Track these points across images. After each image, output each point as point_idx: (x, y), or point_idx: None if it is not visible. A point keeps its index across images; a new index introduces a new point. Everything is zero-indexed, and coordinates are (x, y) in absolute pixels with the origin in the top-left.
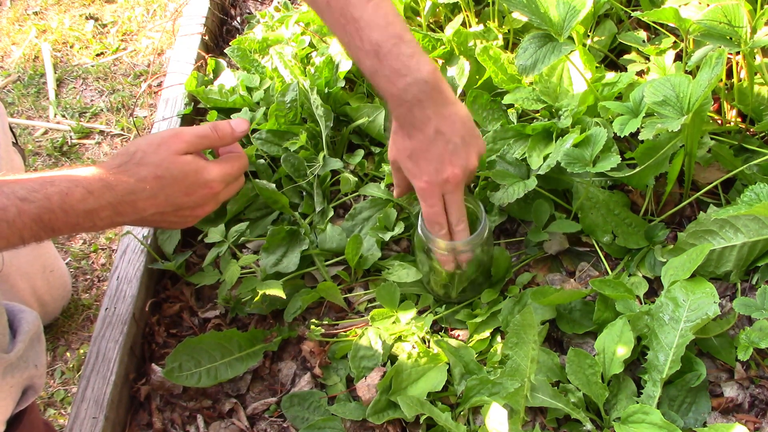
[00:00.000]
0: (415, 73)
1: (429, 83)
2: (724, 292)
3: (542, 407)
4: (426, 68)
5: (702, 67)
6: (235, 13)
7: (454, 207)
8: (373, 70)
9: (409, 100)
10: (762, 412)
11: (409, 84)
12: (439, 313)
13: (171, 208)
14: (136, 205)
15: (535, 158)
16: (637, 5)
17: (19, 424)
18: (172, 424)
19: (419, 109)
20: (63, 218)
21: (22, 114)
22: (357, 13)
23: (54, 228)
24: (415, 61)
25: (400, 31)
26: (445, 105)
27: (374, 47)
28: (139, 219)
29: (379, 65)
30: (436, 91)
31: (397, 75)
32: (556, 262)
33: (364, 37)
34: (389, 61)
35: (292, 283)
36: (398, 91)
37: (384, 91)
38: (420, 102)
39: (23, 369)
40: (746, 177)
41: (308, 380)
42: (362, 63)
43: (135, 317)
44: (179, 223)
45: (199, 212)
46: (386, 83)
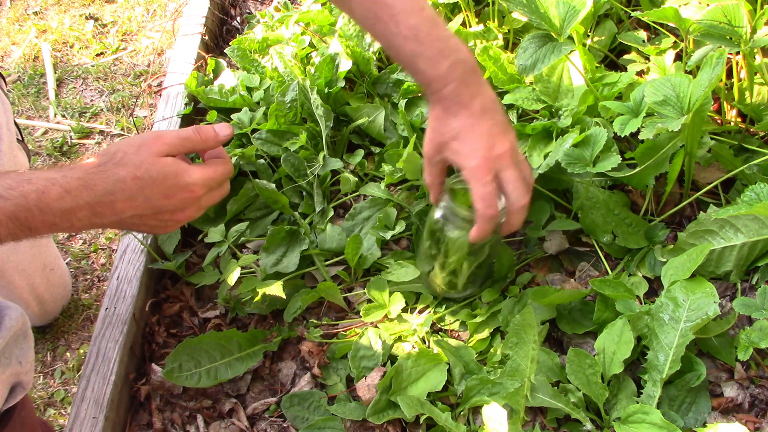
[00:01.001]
0: (458, 53)
1: (469, 62)
2: (724, 292)
3: (542, 407)
4: (464, 48)
5: (702, 67)
6: (235, 13)
7: (512, 184)
8: (414, 53)
9: (456, 79)
10: (762, 412)
11: (453, 63)
12: (439, 313)
13: (150, 211)
14: (114, 206)
15: (535, 158)
16: (637, 5)
17: (9, 421)
18: (172, 424)
19: (464, 87)
20: (39, 217)
21: (22, 114)
22: (389, 0)
23: (31, 227)
24: (454, 41)
25: (433, 15)
26: (485, 84)
27: (413, 31)
28: (118, 221)
29: (421, 48)
30: (475, 70)
31: (441, 56)
32: (556, 262)
33: (400, 22)
34: (431, 43)
35: (292, 283)
36: (444, 72)
37: (426, 73)
38: (465, 81)
39: (6, 365)
40: (746, 177)
41: (308, 380)
42: (401, 49)
43: (135, 317)
44: (159, 228)
45: (180, 217)
46: (429, 66)
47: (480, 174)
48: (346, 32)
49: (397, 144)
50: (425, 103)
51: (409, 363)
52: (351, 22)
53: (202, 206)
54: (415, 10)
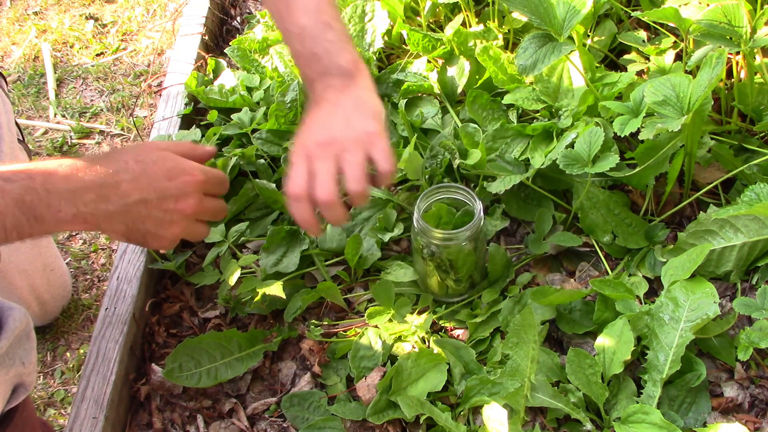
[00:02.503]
0: (334, 57)
1: (342, 69)
2: (724, 292)
3: (542, 407)
4: (344, 57)
5: (702, 67)
6: (235, 13)
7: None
8: (296, 51)
9: (323, 80)
10: (762, 412)
11: (326, 67)
12: (438, 313)
13: (155, 195)
14: (119, 188)
15: (537, 158)
16: (637, 5)
17: (11, 422)
18: (172, 424)
19: (327, 89)
20: (46, 199)
21: (22, 114)
22: None
23: (36, 215)
24: (335, 46)
25: (329, 19)
26: (346, 92)
27: (300, 30)
28: (124, 206)
29: (302, 48)
30: (344, 77)
31: (315, 58)
32: (556, 262)
33: (293, 19)
34: (311, 46)
35: (292, 283)
36: (315, 73)
37: (302, 70)
38: (329, 84)
39: (9, 366)
40: (746, 177)
41: (308, 380)
42: (289, 44)
43: (135, 317)
44: (165, 223)
45: (183, 205)
46: (305, 65)
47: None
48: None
49: (397, 144)
50: (425, 103)
51: (409, 363)
52: (351, 22)
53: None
54: (310, 11)
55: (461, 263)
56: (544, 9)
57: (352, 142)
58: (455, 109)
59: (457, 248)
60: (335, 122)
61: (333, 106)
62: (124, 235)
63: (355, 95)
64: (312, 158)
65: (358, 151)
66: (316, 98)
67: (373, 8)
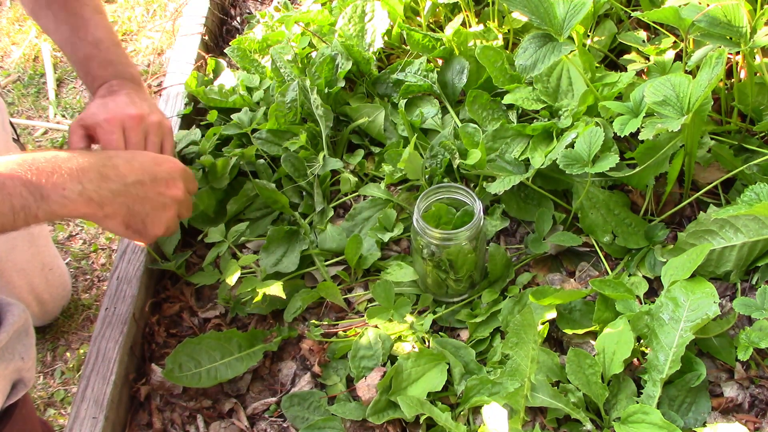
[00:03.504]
0: (128, 68)
1: (133, 76)
2: (724, 292)
3: (542, 407)
4: (134, 70)
5: (702, 67)
6: (235, 13)
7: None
8: (90, 56)
9: (115, 80)
10: (762, 412)
11: (119, 72)
12: (438, 313)
13: (148, 178)
14: (118, 169)
15: (537, 158)
16: (637, 5)
17: (9, 419)
18: (172, 424)
19: (119, 85)
20: (52, 179)
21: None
22: (87, 14)
23: (43, 193)
24: (125, 59)
25: (116, 40)
26: (141, 92)
27: (96, 40)
28: (124, 186)
29: (97, 53)
30: (135, 82)
31: (109, 63)
32: (556, 262)
33: (89, 32)
34: (105, 54)
35: (292, 283)
36: (108, 74)
37: (94, 72)
38: (122, 82)
39: (8, 361)
40: (746, 177)
41: (308, 380)
42: (79, 50)
43: (135, 317)
44: (159, 206)
45: (173, 190)
46: (98, 67)
47: (107, 124)
48: (346, 32)
49: (397, 144)
50: (425, 103)
51: (409, 363)
52: (351, 22)
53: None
54: (106, 29)
55: (461, 263)
56: (544, 9)
57: (156, 125)
58: (455, 109)
59: (457, 248)
60: (141, 104)
61: (135, 95)
62: (124, 221)
63: (149, 97)
64: (126, 128)
65: (158, 135)
66: (112, 89)
67: (373, 8)
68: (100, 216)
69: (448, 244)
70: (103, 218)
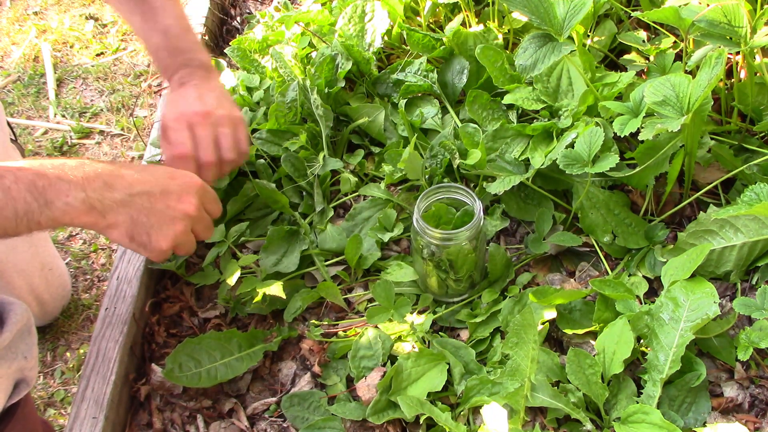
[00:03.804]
0: (197, 54)
1: (204, 64)
2: (724, 292)
3: (542, 407)
4: (204, 56)
5: (702, 67)
6: (235, 13)
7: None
8: (160, 44)
9: (185, 69)
10: (762, 412)
11: (189, 59)
12: (438, 313)
13: (158, 190)
14: (124, 179)
15: (537, 158)
16: (637, 5)
17: (11, 418)
18: (172, 424)
19: (188, 75)
20: (56, 184)
21: (22, 114)
22: (158, 3)
23: (47, 199)
24: (196, 47)
25: (188, 25)
26: (210, 81)
27: (165, 28)
28: (129, 196)
29: (167, 42)
30: (205, 69)
31: (180, 51)
32: (556, 262)
33: (158, 20)
34: (174, 41)
35: (292, 283)
36: (178, 63)
37: (164, 61)
38: (192, 71)
39: (12, 360)
40: (746, 177)
41: (308, 380)
42: (150, 39)
43: (135, 317)
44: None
45: (185, 203)
46: (168, 56)
47: (174, 123)
48: (346, 32)
49: (397, 144)
50: (425, 103)
51: (409, 363)
52: (351, 22)
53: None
54: (174, 16)
55: (461, 263)
56: (544, 9)
57: (226, 118)
58: (455, 109)
59: (457, 248)
60: (209, 99)
61: (203, 87)
62: (128, 232)
63: (219, 85)
64: (193, 126)
65: (230, 127)
66: (182, 81)
67: (373, 8)
68: (102, 225)
69: (448, 244)
70: (105, 228)
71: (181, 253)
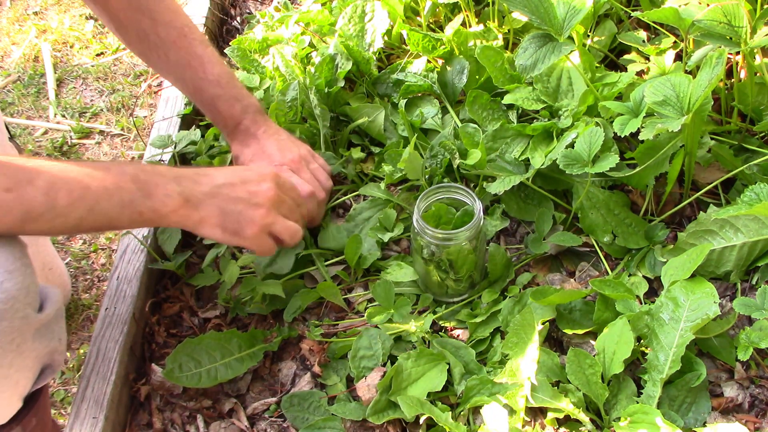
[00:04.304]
0: (249, 99)
1: (257, 106)
2: (724, 292)
3: (542, 407)
4: (254, 99)
5: (702, 67)
6: (235, 13)
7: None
8: (216, 95)
9: (246, 117)
10: (762, 412)
11: (244, 106)
12: (438, 313)
13: (238, 180)
14: (208, 175)
15: (537, 158)
16: (637, 5)
17: (33, 405)
18: (172, 424)
19: (253, 123)
20: (155, 179)
21: (22, 114)
22: (200, 51)
23: (148, 191)
24: (245, 92)
25: (230, 70)
26: (269, 120)
27: (217, 78)
28: (214, 188)
29: (222, 92)
30: (261, 111)
31: (236, 100)
32: (556, 262)
33: (207, 70)
34: (230, 90)
35: (292, 283)
36: (238, 112)
37: (224, 112)
38: (253, 119)
39: (49, 339)
40: (746, 177)
41: (308, 380)
42: (205, 91)
43: (135, 317)
44: (251, 205)
45: (264, 188)
46: (227, 106)
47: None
48: (346, 32)
49: (397, 144)
50: (425, 103)
51: (409, 363)
52: (351, 22)
53: (281, 198)
54: (218, 63)
55: (461, 263)
56: (544, 9)
57: (308, 156)
58: (455, 109)
59: (457, 248)
60: (287, 143)
61: (273, 134)
62: (219, 223)
63: (280, 129)
64: (296, 171)
65: (315, 162)
66: (249, 131)
67: (373, 8)
68: (195, 219)
69: (448, 244)
70: (198, 222)
71: (285, 239)
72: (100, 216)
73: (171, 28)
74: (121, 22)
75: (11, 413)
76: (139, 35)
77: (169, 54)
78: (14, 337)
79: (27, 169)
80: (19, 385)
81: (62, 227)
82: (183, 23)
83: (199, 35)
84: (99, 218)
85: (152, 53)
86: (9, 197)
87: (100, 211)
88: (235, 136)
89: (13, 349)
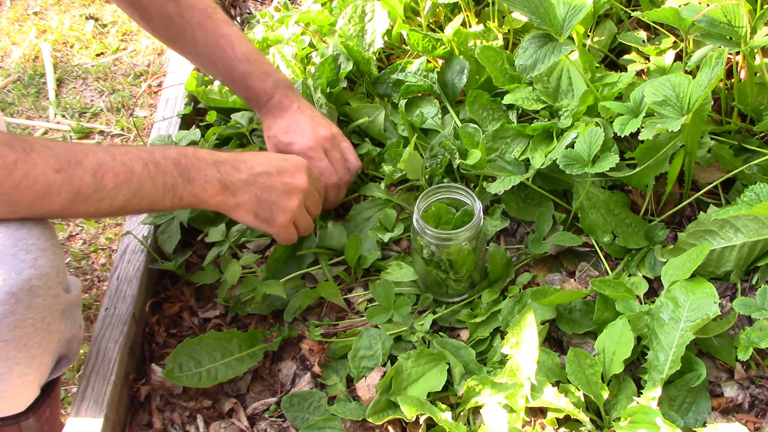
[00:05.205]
0: (279, 74)
1: (287, 81)
2: (724, 292)
3: (542, 407)
4: (282, 74)
5: (702, 67)
6: (235, 13)
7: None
8: (247, 72)
9: (277, 92)
10: (762, 412)
11: (275, 81)
12: (438, 313)
13: (274, 169)
14: (246, 162)
15: (537, 158)
16: (637, 5)
17: (47, 397)
18: (172, 424)
19: (285, 97)
20: (196, 164)
21: (22, 114)
22: (226, 30)
23: (189, 176)
24: (273, 67)
25: (255, 47)
26: (299, 95)
27: (246, 55)
28: (252, 176)
29: (252, 68)
30: (291, 86)
31: (266, 75)
32: (556, 262)
33: (236, 48)
34: (259, 65)
35: (293, 283)
36: (269, 87)
37: (256, 88)
38: (285, 93)
39: (72, 322)
40: (746, 177)
41: (308, 380)
42: (235, 69)
43: (135, 317)
44: (285, 195)
45: (298, 180)
46: (259, 82)
47: (313, 152)
48: (346, 32)
49: (397, 144)
50: (425, 103)
51: (409, 363)
52: (351, 22)
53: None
54: (245, 41)
55: (461, 263)
56: (544, 9)
57: (339, 135)
58: (455, 109)
59: (457, 248)
60: (319, 119)
61: (306, 109)
62: (253, 209)
63: (311, 105)
64: (327, 151)
65: (344, 141)
66: (282, 105)
67: (373, 8)
68: (231, 204)
69: (448, 244)
70: (234, 207)
71: (301, 230)
72: (143, 199)
73: (196, 9)
74: (146, 9)
75: (30, 400)
76: (165, 21)
77: (196, 36)
78: (45, 315)
79: (75, 151)
80: (41, 370)
81: (108, 209)
82: (206, 4)
83: (223, 15)
84: (143, 201)
85: (180, 37)
86: (59, 178)
87: (144, 194)
88: (268, 111)
89: (44, 328)
